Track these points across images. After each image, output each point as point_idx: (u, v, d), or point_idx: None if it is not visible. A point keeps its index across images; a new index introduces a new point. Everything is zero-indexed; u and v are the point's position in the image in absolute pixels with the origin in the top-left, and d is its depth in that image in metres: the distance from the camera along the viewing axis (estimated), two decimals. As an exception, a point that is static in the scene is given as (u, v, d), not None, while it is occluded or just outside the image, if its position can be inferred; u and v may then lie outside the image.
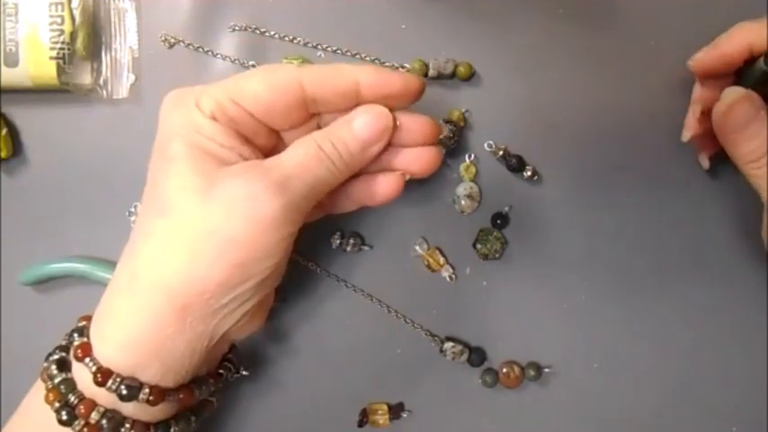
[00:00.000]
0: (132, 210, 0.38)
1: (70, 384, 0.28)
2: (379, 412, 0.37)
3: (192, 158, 0.27)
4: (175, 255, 0.26)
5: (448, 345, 0.37)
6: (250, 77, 0.29)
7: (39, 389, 0.29)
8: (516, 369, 0.37)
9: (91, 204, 0.38)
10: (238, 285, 0.27)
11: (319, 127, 0.31)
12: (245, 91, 0.28)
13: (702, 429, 0.38)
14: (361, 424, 0.37)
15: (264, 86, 0.28)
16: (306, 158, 0.28)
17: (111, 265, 0.37)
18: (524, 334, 0.38)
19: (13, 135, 0.38)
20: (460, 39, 0.38)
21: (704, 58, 0.34)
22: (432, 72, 0.37)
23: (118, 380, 0.27)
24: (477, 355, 0.37)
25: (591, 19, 0.38)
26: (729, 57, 0.33)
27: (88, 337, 0.28)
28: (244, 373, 0.34)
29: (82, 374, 0.27)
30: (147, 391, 0.27)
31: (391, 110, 0.30)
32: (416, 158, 0.31)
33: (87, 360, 0.27)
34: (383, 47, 0.38)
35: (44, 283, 0.38)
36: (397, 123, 0.30)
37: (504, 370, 0.37)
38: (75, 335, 0.28)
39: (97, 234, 0.38)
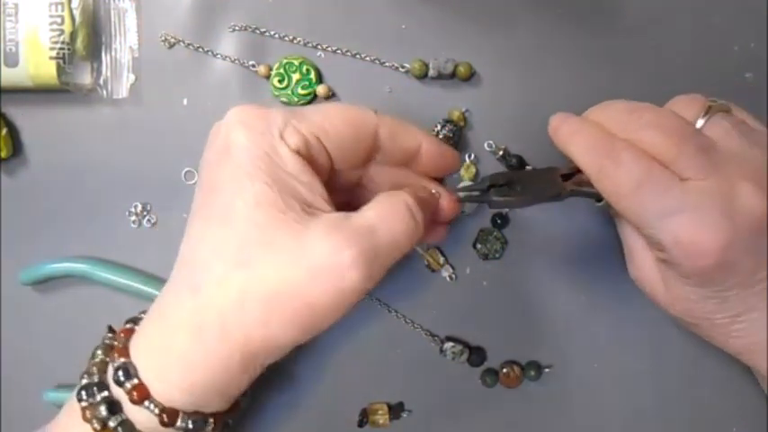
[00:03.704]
0: (132, 210, 0.38)
1: (128, 426, 0.27)
2: (380, 412, 0.37)
3: (277, 207, 0.25)
4: (251, 311, 0.25)
5: (448, 345, 0.37)
6: (335, 116, 0.28)
7: (71, 426, 0.28)
8: (516, 369, 0.37)
9: (91, 204, 0.38)
10: (302, 339, 0.27)
11: (361, 178, 0.31)
12: (331, 132, 0.28)
13: (702, 429, 0.38)
14: (361, 424, 0.37)
15: (350, 130, 0.28)
16: (396, 228, 0.26)
17: (110, 265, 0.37)
18: (524, 334, 0.38)
19: (13, 135, 0.38)
20: (460, 39, 0.38)
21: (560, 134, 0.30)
22: (432, 72, 0.37)
23: (185, 417, 0.26)
24: (477, 355, 0.37)
25: (591, 19, 0.38)
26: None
27: (138, 377, 0.27)
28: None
29: (139, 415, 0.27)
30: (211, 421, 0.27)
31: (435, 179, 0.32)
32: (429, 230, 0.31)
33: (147, 403, 0.26)
34: (383, 47, 0.38)
35: (44, 283, 0.38)
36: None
37: (504, 370, 0.37)
38: (121, 374, 0.27)
39: (97, 234, 0.38)
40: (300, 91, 0.38)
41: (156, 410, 0.26)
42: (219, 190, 0.26)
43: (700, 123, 0.29)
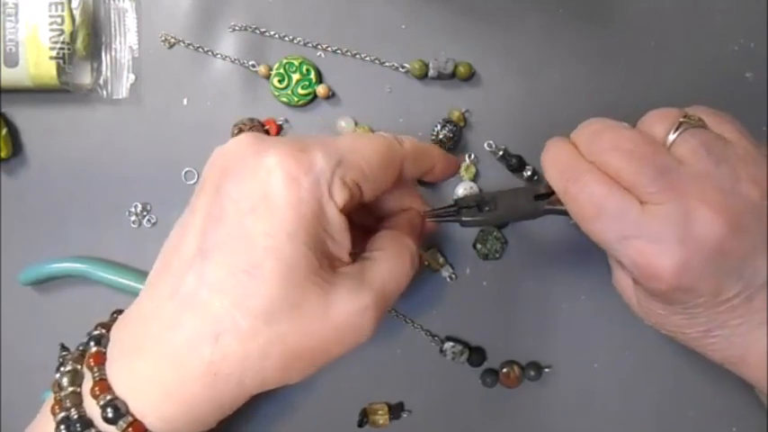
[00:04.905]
0: (132, 210, 0.38)
1: None
2: (380, 412, 0.37)
3: (311, 269, 0.25)
4: (272, 362, 0.25)
5: (448, 345, 0.37)
6: (372, 158, 0.27)
7: None
8: (516, 369, 0.37)
9: (91, 204, 0.38)
10: (311, 375, 0.28)
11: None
12: (369, 175, 0.27)
13: (702, 429, 0.38)
14: (361, 424, 0.37)
15: (383, 170, 0.28)
16: (402, 279, 0.29)
17: (110, 265, 0.37)
18: (524, 334, 0.38)
19: (13, 135, 0.38)
20: (460, 39, 0.38)
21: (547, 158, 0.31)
22: (432, 72, 0.37)
23: None
24: (477, 355, 0.37)
25: (591, 19, 0.38)
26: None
27: (131, 414, 0.26)
28: None
29: None
30: None
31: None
32: None
33: None
34: (383, 47, 0.38)
35: (44, 283, 0.38)
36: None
37: (504, 370, 0.37)
38: (110, 412, 0.26)
39: (97, 234, 0.38)
40: (300, 91, 0.38)
41: None
42: (250, 240, 0.25)
43: (671, 138, 0.28)
